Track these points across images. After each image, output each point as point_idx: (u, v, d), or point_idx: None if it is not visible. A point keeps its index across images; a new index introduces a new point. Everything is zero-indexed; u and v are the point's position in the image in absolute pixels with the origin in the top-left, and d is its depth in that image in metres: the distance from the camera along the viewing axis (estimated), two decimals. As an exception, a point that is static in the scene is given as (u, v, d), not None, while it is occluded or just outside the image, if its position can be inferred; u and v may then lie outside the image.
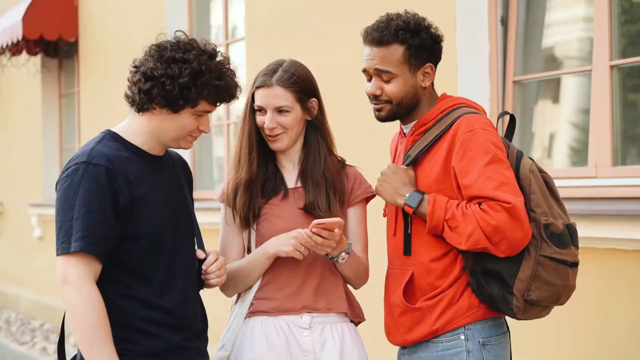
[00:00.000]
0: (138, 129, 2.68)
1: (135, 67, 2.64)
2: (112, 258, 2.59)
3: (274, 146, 2.93)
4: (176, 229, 2.71)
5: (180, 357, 2.69)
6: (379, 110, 2.82)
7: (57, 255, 2.56)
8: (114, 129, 2.72)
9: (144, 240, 2.62)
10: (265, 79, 2.89)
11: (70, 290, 2.52)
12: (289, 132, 2.91)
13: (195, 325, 2.75)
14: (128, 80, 2.66)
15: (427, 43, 2.78)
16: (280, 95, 2.88)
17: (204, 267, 2.78)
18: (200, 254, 2.80)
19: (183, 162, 2.92)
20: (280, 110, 2.89)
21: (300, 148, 2.98)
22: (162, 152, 2.75)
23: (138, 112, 2.66)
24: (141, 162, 2.67)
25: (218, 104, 2.67)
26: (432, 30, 2.80)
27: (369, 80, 2.83)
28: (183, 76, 2.56)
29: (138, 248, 2.62)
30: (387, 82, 2.77)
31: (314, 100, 2.95)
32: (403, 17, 2.78)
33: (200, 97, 2.60)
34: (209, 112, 2.68)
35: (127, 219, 2.59)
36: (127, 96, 2.67)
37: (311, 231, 2.72)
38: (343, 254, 2.84)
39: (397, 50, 2.75)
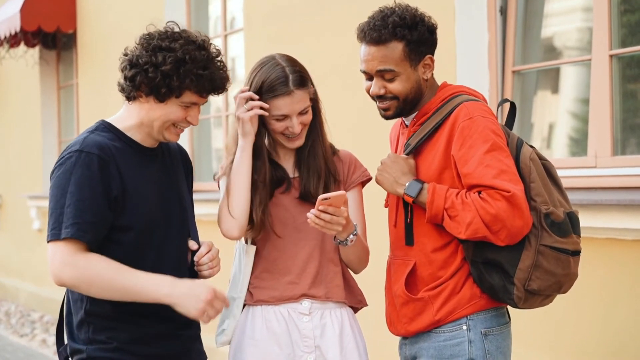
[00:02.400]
0: (129, 118, 2.69)
1: (124, 54, 2.66)
2: (101, 249, 2.59)
3: (296, 144, 2.92)
4: (167, 221, 2.71)
5: (170, 345, 2.70)
6: (385, 109, 2.79)
7: (47, 242, 2.56)
8: (109, 120, 2.73)
9: (132, 232, 2.62)
10: (285, 89, 2.85)
11: (68, 269, 2.52)
12: (307, 126, 2.92)
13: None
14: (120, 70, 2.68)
15: (425, 36, 2.76)
16: (302, 99, 2.87)
17: (195, 258, 2.77)
18: (192, 245, 2.79)
19: (182, 151, 2.92)
20: (301, 112, 2.88)
21: None
22: (155, 144, 2.74)
23: (127, 100, 2.67)
24: (133, 154, 2.67)
25: (204, 95, 2.65)
26: (427, 20, 2.78)
27: (368, 79, 2.81)
28: (166, 64, 2.56)
29: (126, 240, 2.62)
30: (390, 80, 2.75)
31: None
32: (398, 12, 2.75)
33: (182, 85, 2.59)
34: (197, 103, 2.67)
35: (119, 209, 2.59)
36: (118, 84, 2.69)
37: (318, 209, 2.71)
38: (351, 236, 2.83)
39: (396, 48, 2.73)
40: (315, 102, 2.95)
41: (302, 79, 2.88)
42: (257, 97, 2.86)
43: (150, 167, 2.71)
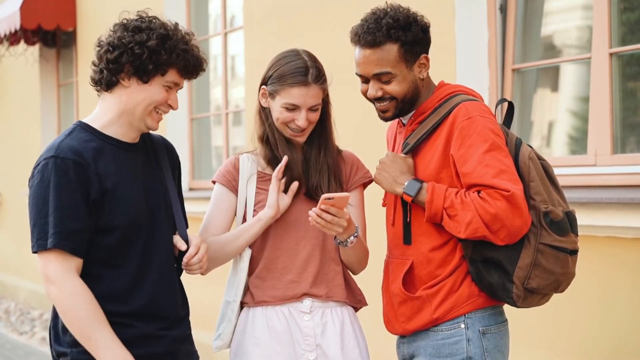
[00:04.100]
0: (106, 113, 2.66)
1: (100, 43, 2.64)
2: (86, 251, 2.58)
3: (297, 140, 2.93)
4: (152, 217, 2.68)
5: (154, 346, 2.66)
6: (384, 110, 2.80)
7: (34, 252, 2.55)
8: (86, 120, 2.69)
9: (117, 232, 2.60)
10: (303, 79, 2.86)
11: (54, 288, 2.52)
12: (313, 124, 2.93)
13: (172, 314, 2.72)
14: (93, 64, 2.65)
15: (419, 35, 2.76)
16: (316, 94, 2.88)
17: (185, 259, 2.74)
18: (181, 245, 2.75)
19: (167, 144, 2.88)
20: (311, 108, 2.89)
21: None
22: (136, 138, 2.71)
23: (106, 89, 2.64)
24: (113, 152, 2.63)
25: (187, 74, 2.66)
26: (420, 20, 2.78)
27: (364, 82, 2.80)
28: (151, 39, 2.57)
29: (111, 240, 2.60)
30: (387, 82, 2.75)
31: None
32: (391, 14, 2.74)
33: (170, 60, 2.59)
34: (178, 84, 2.66)
35: (99, 212, 2.57)
36: (92, 79, 2.66)
37: (320, 208, 2.70)
38: (352, 237, 2.83)
39: (391, 50, 2.73)
40: (326, 103, 2.96)
41: (321, 75, 2.90)
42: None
43: (133, 163, 2.68)
